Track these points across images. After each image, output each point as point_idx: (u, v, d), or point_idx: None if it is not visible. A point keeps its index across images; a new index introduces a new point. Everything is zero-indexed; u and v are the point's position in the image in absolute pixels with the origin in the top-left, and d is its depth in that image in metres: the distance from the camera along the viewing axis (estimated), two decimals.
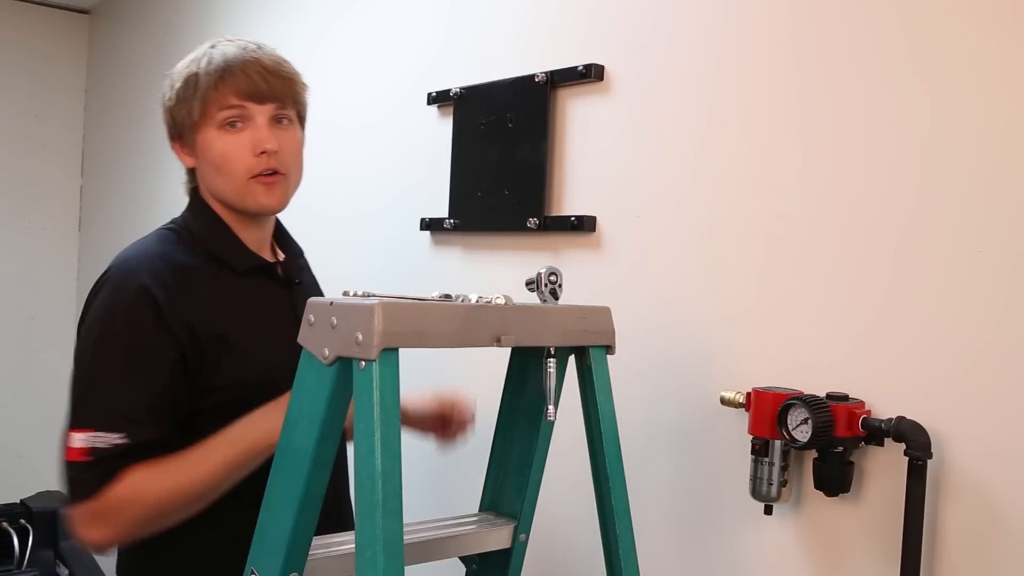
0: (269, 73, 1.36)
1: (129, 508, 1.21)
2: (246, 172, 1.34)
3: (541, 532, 1.32)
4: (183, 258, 1.36)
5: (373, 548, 0.92)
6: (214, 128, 1.35)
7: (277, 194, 1.38)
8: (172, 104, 1.39)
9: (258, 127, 1.34)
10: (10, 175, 3.81)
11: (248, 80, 1.34)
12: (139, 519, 1.23)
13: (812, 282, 1.34)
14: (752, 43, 1.44)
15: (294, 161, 1.40)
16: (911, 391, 1.23)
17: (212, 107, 1.34)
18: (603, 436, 1.16)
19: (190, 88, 1.35)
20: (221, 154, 1.35)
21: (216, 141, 1.35)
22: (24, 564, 2.97)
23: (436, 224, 1.97)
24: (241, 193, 1.36)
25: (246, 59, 1.35)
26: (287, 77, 1.39)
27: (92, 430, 1.22)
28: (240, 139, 1.34)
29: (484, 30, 1.93)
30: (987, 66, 1.18)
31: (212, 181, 1.38)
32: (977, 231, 1.18)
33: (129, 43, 3.63)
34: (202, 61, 1.36)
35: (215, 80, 1.33)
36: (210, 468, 1.22)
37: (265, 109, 1.35)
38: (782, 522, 1.37)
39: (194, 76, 1.35)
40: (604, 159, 1.66)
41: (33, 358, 3.86)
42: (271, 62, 1.38)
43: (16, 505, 3.11)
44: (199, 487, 1.22)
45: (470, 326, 1.03)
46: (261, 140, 1.34)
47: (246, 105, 1.34)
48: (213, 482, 1.22)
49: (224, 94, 1.33)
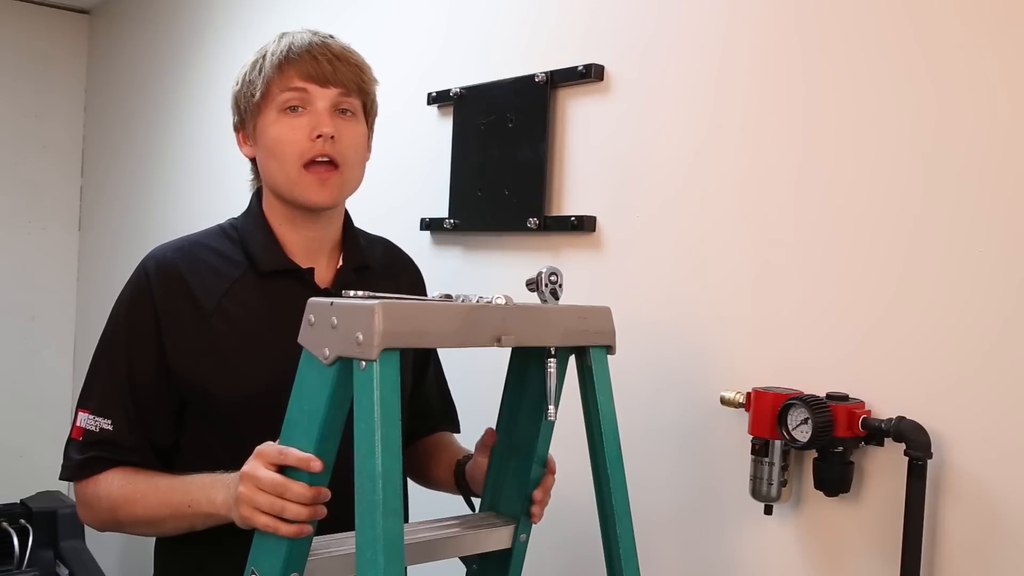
0: (336, 58, 1.31)
1: (97, 505, 1.28)
2: (299, 157, 1.28)
3: (541, 532, 1.32)
4: (214, 251, 1.34)
5: (373, 548, 0.92)
6: (274, 112, 1.30)
7: (330, 190, 1.30)
8: (237, 88, 1.35)
9: (318, 111, 1.29)
10: (10, 175, 3.81)
11: (313, 62, 1.29)
12: (104, 519, 1.29)
13: (811, 283, 1.34)
14: (752, 43, 1.44)
15: (354, 155, 1.33)
16: (911, 391, 1.23)
17: (274, 87, 1.30)
18: (603, 436, 1.16)
19: (256, 70, 1.32)
20: (276, 138, 1.29)
21: (273, 125, 1.30)
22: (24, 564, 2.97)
23: (436, 224, 1.97)
24: (292, 181, 1.29)
25: (314, 43, 1.31)
26: (354, 64, 1.34)
27: (89, 411, 1.29)
28: (298, 123, 1.29)
29: (484, 30, 1.93)
30: (991, 68, 1.18)
31: (266, 168, 1.33)
32: (980, 233, 1.18)
33: (129, 43, 3.63)
34: (271, 46, 1.33)
35: (279, 60, 1.30)
36: (156, 505, 1.23)
37: (327, 93, 1.30)
38: (782, 522, 1.37)
39: (261, 58, 1.32)
40: (604, 159, 1.66)
41: (33, 358, 3.86)
42: (339, 48, 1.34)
43: (16, 505, 3.11)
44: (144, 516, 1.25)
45: (470, 326, 1.03)
46: (320, 123, 1.28)
47: (308, 88, 1.29)
48: (155, 518, 1.24)
49: (288, 75, 1.29)
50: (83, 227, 3.97)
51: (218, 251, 1.35)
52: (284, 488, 1.04)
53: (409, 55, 2.13)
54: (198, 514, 1.18)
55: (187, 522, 1.21)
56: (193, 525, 1.21)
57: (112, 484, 1.26)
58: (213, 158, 2.93)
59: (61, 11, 3.91)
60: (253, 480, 1.06)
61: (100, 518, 1.30)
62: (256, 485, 1.06)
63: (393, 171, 2.14)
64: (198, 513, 1.18)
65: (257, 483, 1.05)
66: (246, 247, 1.35)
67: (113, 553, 3.39)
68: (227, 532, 1.14)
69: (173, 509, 1.21)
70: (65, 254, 3.95)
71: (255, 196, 1.40)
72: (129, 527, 1.28)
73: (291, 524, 1.04)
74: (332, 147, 1.28)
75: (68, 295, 3.95)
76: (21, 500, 3.14)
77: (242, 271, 1.33)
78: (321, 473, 1.03)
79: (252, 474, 1.06)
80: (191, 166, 3.11)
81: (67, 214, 3.96)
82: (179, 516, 1.21)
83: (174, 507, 1.21)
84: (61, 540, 3.06)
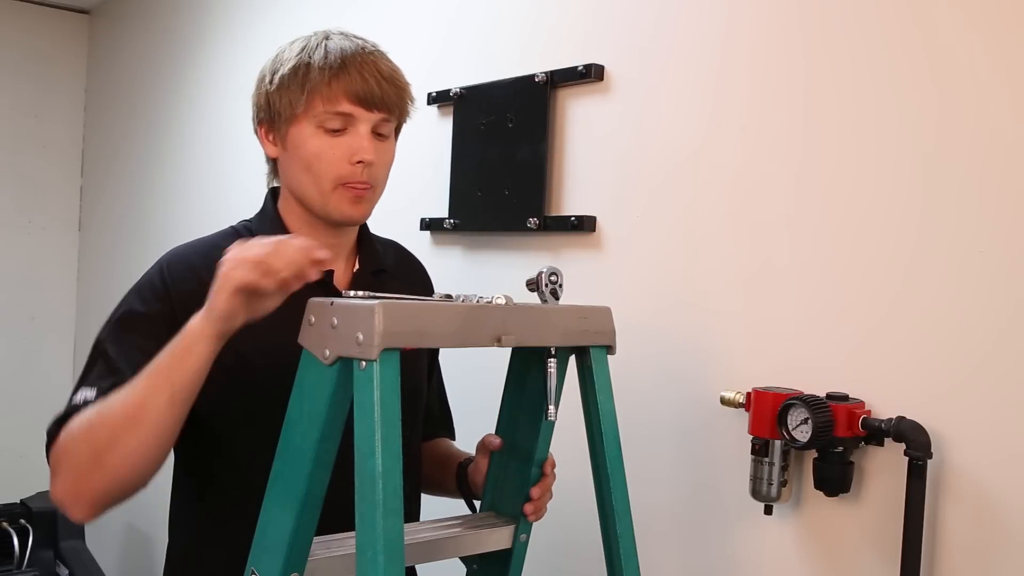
0: (384, 79, 1.27)
1: (69, 446, 1.14)
2: (336, 178, 1.26)
3: (541, 532, 1.32)
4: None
5: (373, 548, 0.92)
6: (313, 125, 1.26)
7: (364, 207, 1.30)
8: (273, 89, 1.29)
9: (360, 135, 1.26)
10: (10, 175, 3.81)
11: (364, 83, 1.25)
12: (78, 456, 1.14)
13: (812, 283, 1.34)
14: (753, 43, 1.44)
15: (384, 174, 1.32)
16: (911, 391, 1.23)
17: (319, 103, 1.25)
18: (603, 436, 1.16)
19: (299, 77, 1.26)
20: (315, 154, 1.26)
21: (312, 139, 1.26)
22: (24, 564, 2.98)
23: (436, 224, 1.97)
24: (325, 197, 1.27)
25: (364, 60, 1.27)
26: (401, 87, 1.30)
27: (78, 392, 1.20)
28: (339, 143, 1.25)
29: (484, 30, 1.93)
30: (992, 66, 1.18)
31: (297, 178, 1.29)
32: (980, 233, 1.18)
33: (129, 43, 3.63)
34: (316, 52, 1.27)
35: (329, 76, 1.25)
36: (133, 396, 1.11)
37: (372, 117, 1.26)
38: (782, 522, 1.37)
39: (305, 66, 1.26)
40: (604, 159, 1.66)
41: (33, 358, 3.86)
42: (388, 69, 1.29)
43: (16, 505, 3.11)
44: (122, 421, 1.11)
45: (471, 326, 1.03)
46: (361, 150, 1.25)
47: (354, 112, 1.25)
48: (136, 414, 1.11)
49: (336, 93, 1.25)
50: (83, 227, 3.97)
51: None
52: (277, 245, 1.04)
53: (409, 55, 2.12)
54: (178, 366, 1.09)
55: (167, 384, 1.09)
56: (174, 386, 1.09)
57: (83, 414, 1.14)
58: (213, 158, 2.93)
59: (61, 11, 3.91)
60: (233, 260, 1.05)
61: (77, 460, 1.13)
62: (239, 256, 1.05)
63: (393, 171, 2.13)
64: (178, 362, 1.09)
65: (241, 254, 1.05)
66: None
67: (113, 553, 3.39)
68: (244, 535, 1.10)
69: (152, 384, 1.10)
70: (65, 254, 3.96)
71: (270, 196, 1.37)
72: (108, 447, 1.11)
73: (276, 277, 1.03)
74: (369, 172, 1.27)
75: (68, 295, 3.96)
76: (21, 500, 3.14)
77: None
78: (322, 473, 1.03)
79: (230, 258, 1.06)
80: (191, 166, 3.11)
81: (67, 214, 3.96)
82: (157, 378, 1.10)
83: (153, 382, 1.10)
84: (61, 540, 3.06)
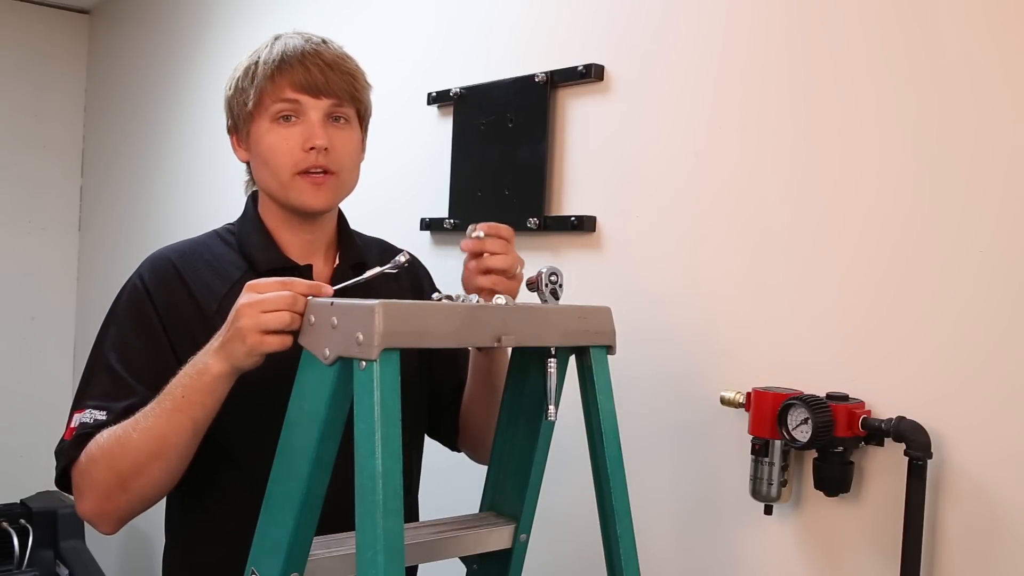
0: (328, 67, 1.31)
1: (95, 470, 1.20)
2: (292, 167, 1.29)
3: (541, 532, 1.32)
4: (212, 254, 1.35)
5: (373, 548, 0.92)
6: (267, 120, 1.31)
7: (324, 194, 1.32)
8: (230, 94, 1.36)
9: (311, 122, 1.30)
10: (10, 175, 3.81)
11: (305, 72, 1.29)
12: (106, 483, 1.20)
13: (812, 283, 1.34)
14: (753, 43, 1.44)
15: (348, 161, 1.34)
16: (911, 391, 1.23)
17: (267, 98, 1.30)
18: (603, 436, 1.16)
19: (248, 78, 1.32)
20: (270, 147, 1.30)
21: (268, 134, 1.31)
22: (24, 564, 2.98)
23: (436, 224, 1.97)
24: (286, 188, 1.31)
25: (306, 51, 1.31)
26: (347, 73, 1.33)
27: (85, 410, 1.24)
28: (291, 133, 1.30)
29: (484, 30, 1.93)
30: (993, 68, 1.18)
31: (260, 174, 1.35)
32: (981, 233, 1.18)
33: (129, 43, 3.63)
34: (263, 52, 1.33)
35: (271, 70, 1.30)
36: (151, 422, 1.16)
37: (320, 104, 1.30)
38: (782, 522, 1.37)
39: (253, 65, 1.32)
40: (604, 159, 1.66)
41: (33, 358, 3.86)
42: (332, 56, 1.33)
43: (16, 505, 3.11)
44: (144, 445, 1.16)
45: (471, 326, 1.03)
46: (311, 136, 1.29)
47: (300, 99, 1.30)
48: (156, 437, 1.15)
49: (280, 86, 1.30)
50: (83, 227, 3.97)
51: (216, 254, 1.35)
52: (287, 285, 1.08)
53: (409, 55, 2.13)
54: (199, 401, 1.13)
55: (189, 420, 1.14)
56: (196, 421, 1.14)
57: (101, 438, 1.20)
58: (213, 158, 2.93)
59: (61, 11, 3.91)
60: (251, 297, 1.09)
61: (102, 485, 1.19)
62: (256, 290, 1.09)
63: (393, 171, 2.14)
64: (194, 395, 1.13)
65: (257, 290, 1.09)
66: (244, 249, 1.35)
67: (113, 553, 3.39)
68: (242, 532, 1.12)
69: (173, 422, 1.14)
70: (65, 254, 3.96)
71: (251, 199, 1.41)
72: (133, 476, 1.17)
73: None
74: (325, 157, 1.30)
75: (68, 295, 3.96)
76: (21, 500, 3.14)
77: (241, 273, 1.33)
78: (322, 473, 1.03)
79: (250, 292, 1.09)
80: (191, 166, 3.11)
81: (67, 214, 3.96)
82: (178, 415, 1.14)
83: (173, 419, 1.14)
84: (61, 540, 3.06)
